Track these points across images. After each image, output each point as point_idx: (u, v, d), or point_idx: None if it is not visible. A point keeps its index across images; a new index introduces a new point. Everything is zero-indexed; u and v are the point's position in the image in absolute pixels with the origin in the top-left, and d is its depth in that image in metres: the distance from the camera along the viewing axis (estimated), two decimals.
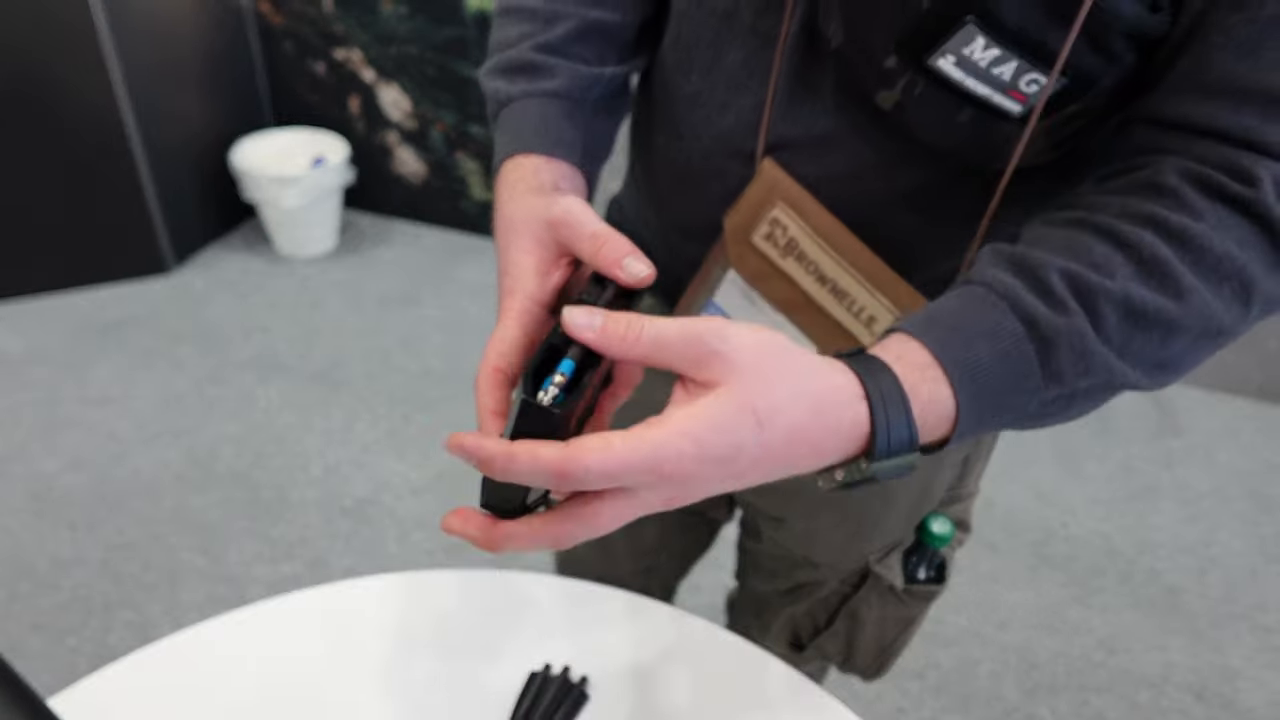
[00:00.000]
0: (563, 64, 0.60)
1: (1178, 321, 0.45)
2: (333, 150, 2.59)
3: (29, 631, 1.56)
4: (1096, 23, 0.45)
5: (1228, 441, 2.20)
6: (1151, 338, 0.45)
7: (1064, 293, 0.44)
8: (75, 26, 2.06)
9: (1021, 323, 0.43)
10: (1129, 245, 0.44)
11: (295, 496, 1.86)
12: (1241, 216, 0.44)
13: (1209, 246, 0.44)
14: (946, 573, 0.81)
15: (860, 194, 0.58)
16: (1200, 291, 0.44)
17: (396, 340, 2.32)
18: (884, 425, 0.41)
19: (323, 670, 0.68)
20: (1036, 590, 1.77)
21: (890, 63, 0.50)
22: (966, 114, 0.50)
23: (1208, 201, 0.45)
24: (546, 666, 0.68)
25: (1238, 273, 0.44)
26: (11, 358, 2.15)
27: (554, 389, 0.40)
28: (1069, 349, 0.43)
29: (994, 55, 0.47)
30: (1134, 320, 0.44)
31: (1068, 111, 0.50)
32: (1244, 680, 1.63)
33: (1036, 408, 0.45)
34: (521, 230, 0.50)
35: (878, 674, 0.92)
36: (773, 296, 0.64)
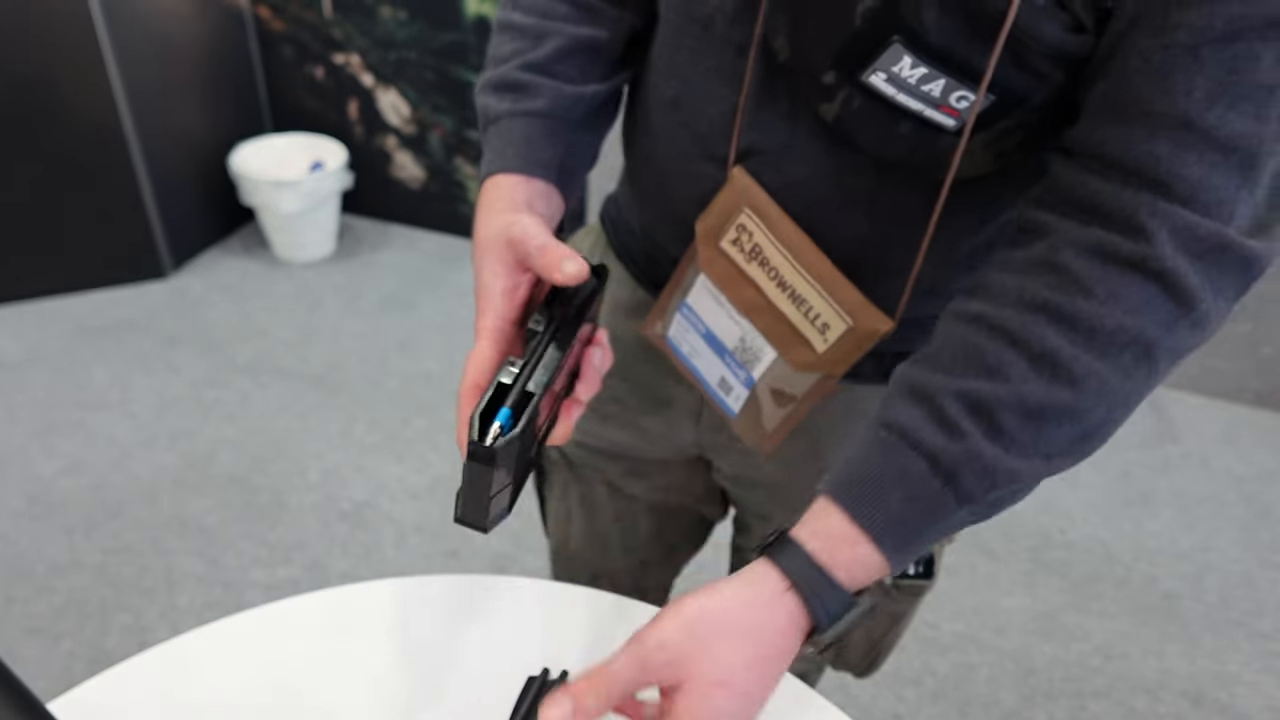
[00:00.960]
0: (547, 84, 0.63)
1: (1076, 407, 0.47)
2: (331, 155, 2.59)
3: (25, 636, 1.56)
4: (1018, 43, 0.46)
5: (1224, 448, 2.20)
6: (1060, 427, 0.48)
7: (958, 416, 0.47)
8: (75, 32, 2.06)
9: (924, 460, 0.48)
10: (1020, 342, 0.47)
11: (293, 500, 1.85)
12: (1136, 276, 0.46)
13: (1099, 325, 0.46)
14: (935, 568, 0.81)
15: (819, 201, 0.60)
16: (1096, 373, 0.47)
17: (394, 344, 2.32)
18: (818, 605, 0.48)
19: (320, 675, 0.68)
20: (1034, 596, 1.78)
21: (829, 78, 0.52)
22: (905, 127, 0.52)
23: (1101, 271, 0.46)
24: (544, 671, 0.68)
25: (1134, 340, 0.46)
26: (9, 361, 2.15)
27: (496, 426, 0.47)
28: (971, 473, 0.47)
29: (921, 73, 0.49)
30: (1035, 418, 0.47)
31: (1002, 126, 0.51)
32: (1240, 686, 1.64)
33: (966, 518, 0.49)
34: (489, 252, 0.55)
35: (868, 671, 0.92)
36: (737, 299, 0.66)
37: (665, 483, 0.89)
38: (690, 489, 0.91)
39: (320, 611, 0.72)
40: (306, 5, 2.51)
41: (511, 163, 0.61)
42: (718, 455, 0.82)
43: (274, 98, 2.71)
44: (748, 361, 0.68)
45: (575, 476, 0.92)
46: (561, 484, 0.94)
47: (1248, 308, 2.21)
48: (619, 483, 0.90)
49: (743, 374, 0.69)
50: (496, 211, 0.58)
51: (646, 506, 0.93)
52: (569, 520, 0.96)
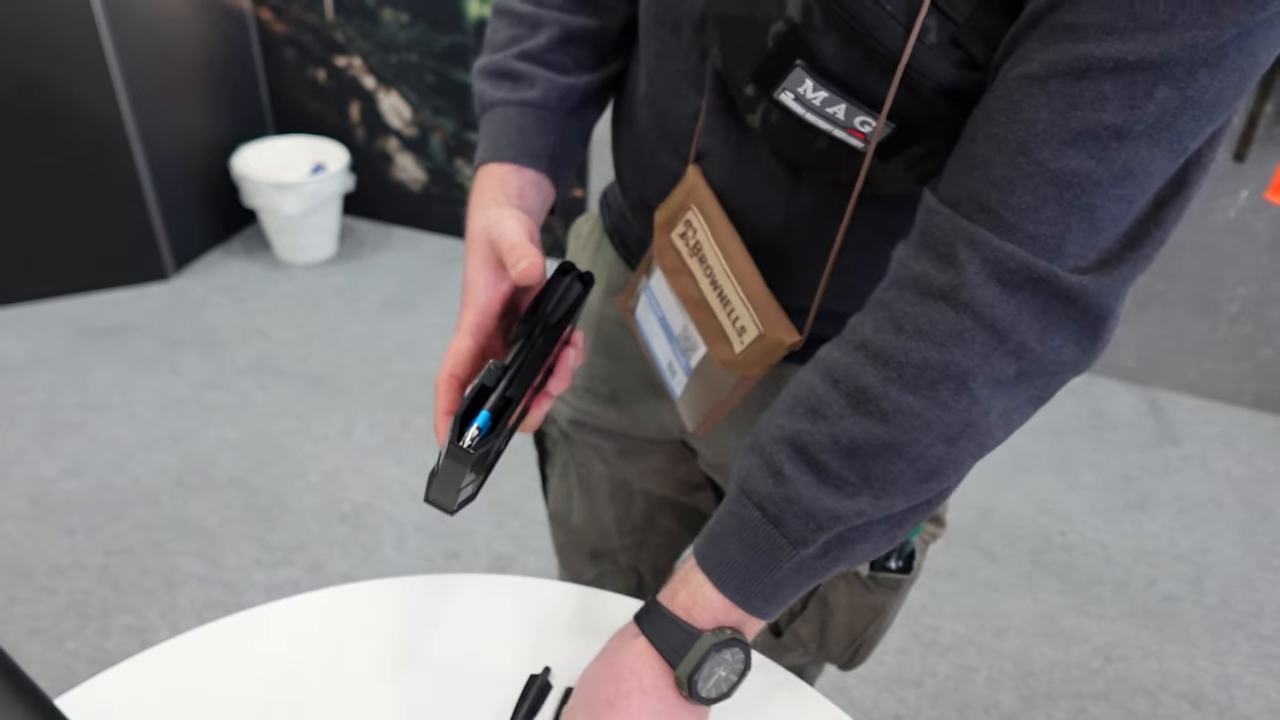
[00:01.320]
0: (541, 74, 0.66)
1: (893, 441, 0.49)
2: (333, 157, 2.60)
3: (27, 636, 1.56)
4: (911, 79, 0.47)
5: (1224, 450, 2.20)
6: (887, 463, 0.49)
7: (783, 461, 0.51)
8: (78, 34, 2.07)
9: (756, 508, 0.53)
10: (840, 381, 0.51)
11: (293, 502, 1.86)
12: (946, 309, 0.47)
13: (906, 360, 0.48)
14: (915, 563, 0.82)
15: (758, 204, 0.62)
16: (906, 408, 0.48)
17: (395, 346, 2.32)
18: (660, 639, 0.54)
19: (321, 675, 0.68)
20: (1034, 598, 1.78)
21: (750, 91, 0.54)
22: (821, 142, 0.53)
23: (915, 307, 0.48)
24: (545, 670, 0.68)
25: (944, 373, 0.47)
26: (12, 362, 2.15)
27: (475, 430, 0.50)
28: (794, 515, 0.51)
29: (824, 96, 0.50)
30: (856, 454, 0.49)
31: (913, 152, 0.52)
32: (1240, 688, 1.64)
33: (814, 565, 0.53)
34: (474, 246, 0.58)
35: (852, 664, 0.93)
36: (679, 290, 0.68)
37: (655, 466, 0.91)
38: (680, 475, 0.93)
39: (321, 612, 0.72)
40: (308, 8, 2.51)
41: (505, 152, 0.64)
42: (697, 441, 0.84)
43: (276, 100, 2.72)
44: (688, 350, 0.71)
45: (574, 455, 0.94)
46: (562, 462, 0.96)
47: (1247, 310, 2.21)
48: (613, 463, 0.92)
49: (684, 360, 0.71)
50: (488, 203, 0.61)
51: (640, 489, 0.95)
52: (569, 498, 0.99)
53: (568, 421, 0.90)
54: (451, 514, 0.53)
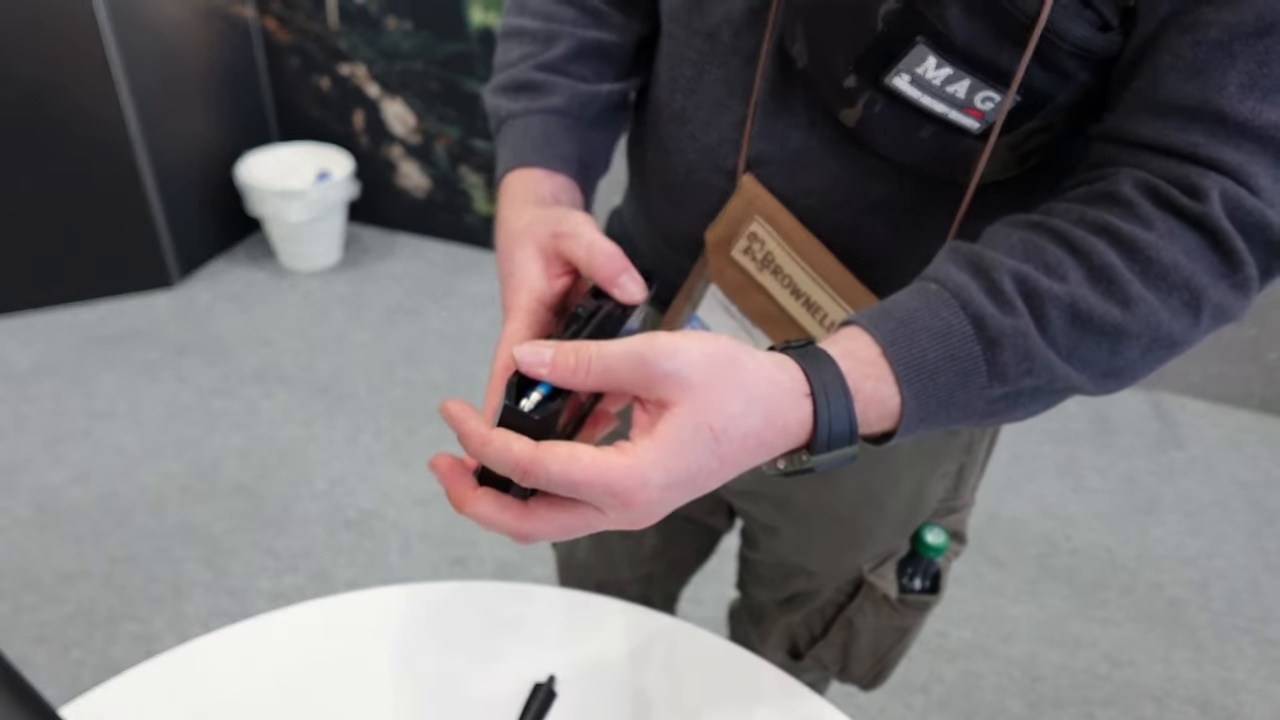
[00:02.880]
0: (562, 82, 0.62)
1: (1124, 329, 0.46)
2: (337, 165, 2.61)
3: (34, 644, 1.56)
4: (1046, 43, 0.46)
5: (1230, 454, 2.19)
6: (1100, 343, 0.46)
7: (1013, 294, 0.45)
8: (82, 43, 2.08)
9: (970, 322, 0.45)
10: (1081, 251, 0.46)
11: (299, 509, 1.86)
12: (1191, 228, 0.45)
13: (1157, 256, 0.45)
14: (941, 583, 0.81)
15: (834, 207, 0.59)
16: (1148, 301, 0.45)
17: (400, 353, 2.32)
18: (825, 422, 0.43)
19: (326, 683, 0.68)
20: (1040, 604, 1.77)
21: (850, 82, 0.52)
22: (928, 130, 0.51)
23: (1160, 212, 0.46)
24: (550, 678, 0.68)
25: (1186, 282, 0.45)
26: (18, 371, 2.16)
27: (536, 396, 0.41)
28: (1013, 349, 0.45)
29: (946, 74, 0.48)
30: (1081, 325, 0.45)
31: (1028, 127, 0.51)
32: (1248, 693, 1.63)
33: (983, 406, 0.46)
34: (527, 238, 0.52)
35: (874, 684, 0.92)
36: (749, 309, 0.65)
37: None
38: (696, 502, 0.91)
39: (326, 619, 0.72)
40: (312, 16, 2.52)
41: (530, 157, 0.60)
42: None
43: (280, 108, 2.73)
44: None
45: None
46: None
47: (1253, 313, 2.21)
48: None
49: None
50: (523, 202, 0.56)
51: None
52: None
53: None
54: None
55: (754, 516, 0.87)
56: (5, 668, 0.42)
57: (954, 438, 0.73)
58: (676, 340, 0.41)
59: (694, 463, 0.40)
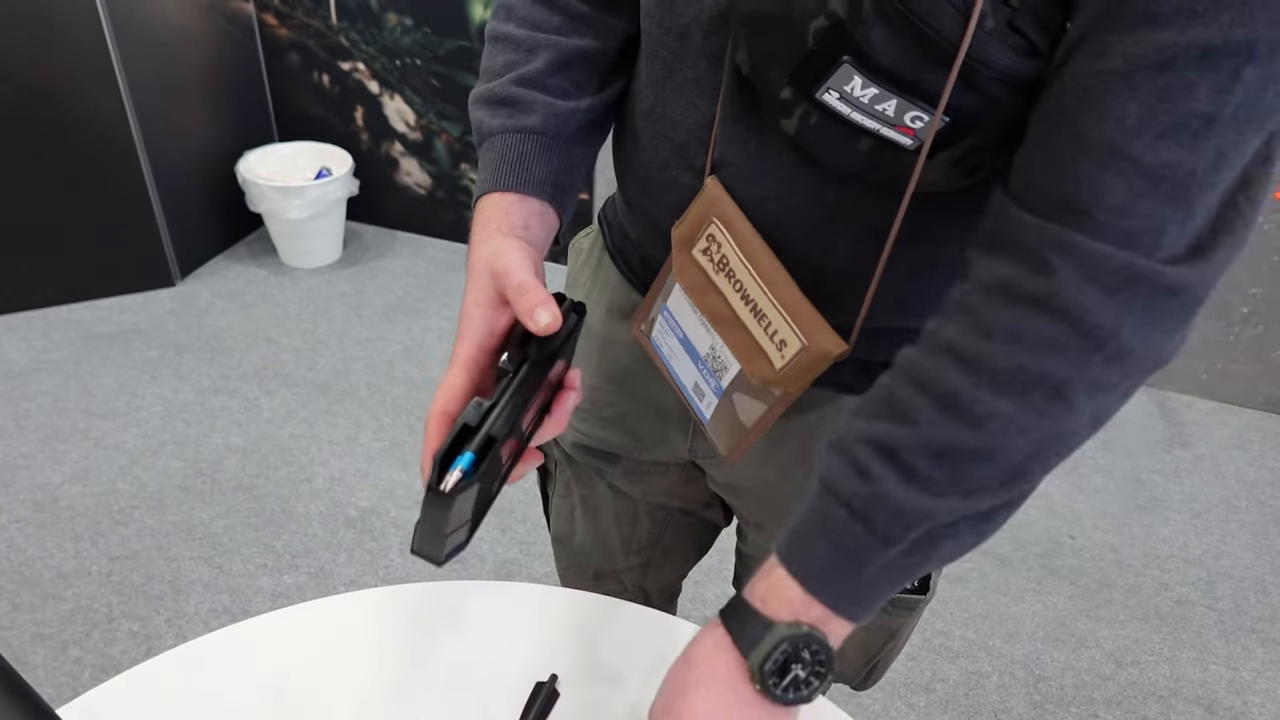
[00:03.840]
0: (540, 99, 0.63)
1: (984, 446, 0.48)
2: (337, 162, 2.60)
3: (32, 642, 1.56)
4: (969, 69, 0.46)
5: (1235, 453, 2.19)
6: (976, 464, 0.48)
7: (868, 460, 0.50)
8: (83, 42, 2.07)
9: (843, 507, 0.51)
10: (927, 385, 0.49)
11: (299, 507, 1.85)
12: (1039, 315, 0.46)
13: (999, 366, 0.47)
14: (930, 583, 0.81)
15: (790, 212, 0.60)
16: (999, 413, 0.47)
17: (400, 351, 2.32)
18: (738, 630, 0.53)
19: (326, 681, 0.68)
20: (1044, 603, 1.76)
21: (786, 94, 0.52)
22: (865, 143, 0.52)
23: (1004, 312, 0.47)
24: (552, 677, 0.67)
25: (1038, 380, 0.46)
26: (17, 369, 2.15)
27: (458, 473, 0.47)
28: (884, 513, 0.49)
29: (873, 93, 0.49)
30: (945, 458, 0.48)
31: (966, 144, 0.50)
32: (1254, 694, 1.62)
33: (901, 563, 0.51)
34: (475, 278, 0.56)
35: (866, 684, 0.92)
36: (705, 309, 0.66)
37: (662, 486, 0.89)
38: (688, 494, 0.91)
39: (326, 618, 0.72)
40: (312, 13, 2.52)
41: (506, 181, 0.62)
42: (707, 462, 0.82)
43: (280, 105, 2.72)
44: (717, 370, 0.68)
45: (577, 476, 0.93)
46: (564, 482, 0.95)
47: (1259, 312, 2.20)
48: (619, 484, 0.90)
49: (713, 382, 0.68)
50: (490, 234, 0.59)
51: (647, 509, 0.93)
52: (572, 519, 0.97)
53: (571, 445, 0.88)
54: (439, 565, 0.50)
55: (740, 511, 0.88)
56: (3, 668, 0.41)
57: None
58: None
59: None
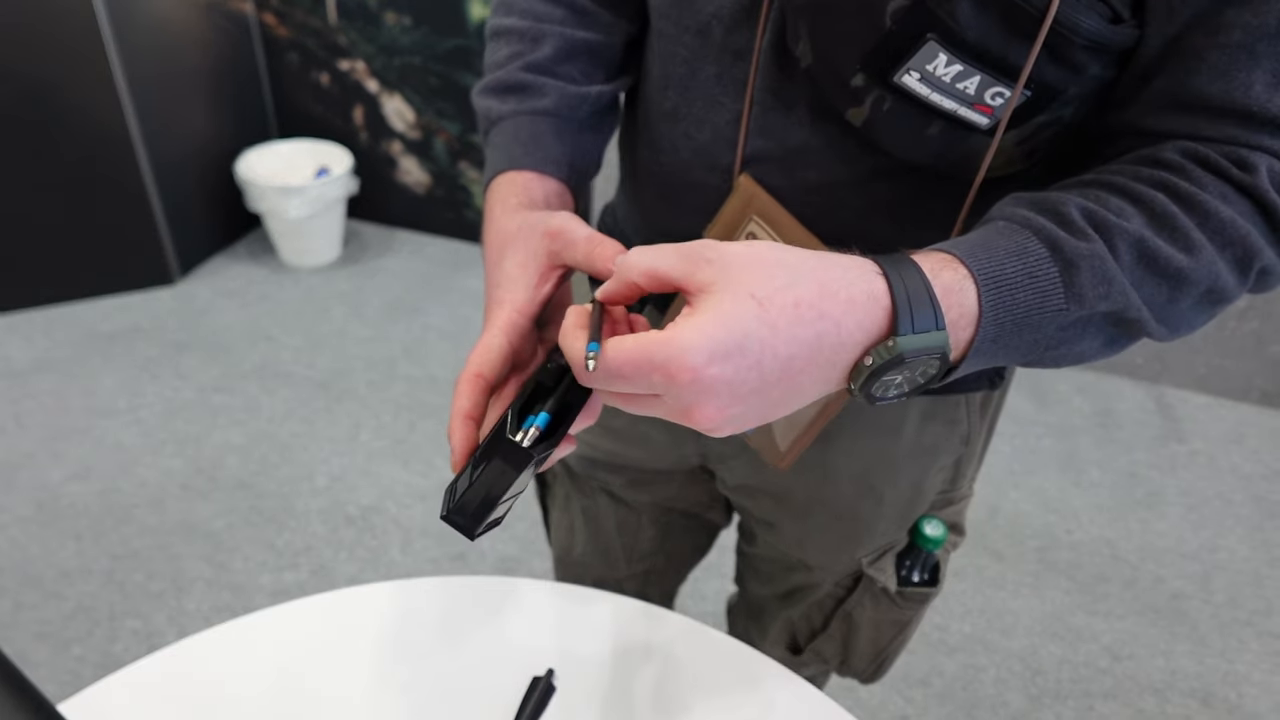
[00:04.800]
0: (551, 83, 0.62)
1: (1186, 273, 0.46)
2: (337, 161, 2.60)
3: (34, 641, 1.57)
4: (1056, 36, 0.46)
5: (1231, 447, 2.19)
6: (1160, 286, 0.46)
7: (1084, 224, 0.45)
8: (81, 40, 2.08)
9: (1045, 245, 0.44)
10: (1142, 200, 0.46)
11: (300, 505, 1.86)
12: (1241, 195, 0.46)
13: (1215, 210, 0.46)
14: (940, 575, 0.81)
15: (836, 205, 0.59)
16: (1208, 249, 0.46)
17: (400, 349, 2.32)
18: (904, 300, 0.41)
19: (327, 678, 0.68)
20: (1041, 597, 1.77)
21: (858, 81, 0.51)
22: (936, 127, 0.51)
23: (1210, 176, 0.46)
24: (549, 672, 0.68)
25: (1241, 239, 0.46)
26: (18, 368, 2.16)
27: (534, 431, 0.42)
28: (1090, 270, 0.44)
29: (956, 71, 0.48)
30: (1147, 264, 0.45)
31: (1036, 121, 0.50)
32: (1250, 686, 1.63)
33: (1054, 331, 0.45)
34: (518, 242, 0.52)
35: (874, 677, 0.92)
36: None
37: (668, 493, 0.89)
38: (693, 497, 0.91)
39: (327, 615, 0.72)
40: (311, 12, 2.52)
41: (521, 160, 0.59)
42: (720, 465, 0.82)
43: (279, 104, 2.72)
44: None
45: (577, 488, 0.92)
46: (564, 495, 0.94)
47: (1256, 306, 2.20)
48: (622, 494, 0.90)
49: None
50: (517, 206, 0.55)
51: (650, 517, 0.93)
52: (572, 531, 0.96)
53: (578, 459, 0.87)
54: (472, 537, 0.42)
55: (751, 511, 0.87)
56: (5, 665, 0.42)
57: (952, 429, 0.73)
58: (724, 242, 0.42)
59: (737, 329, 0.39)
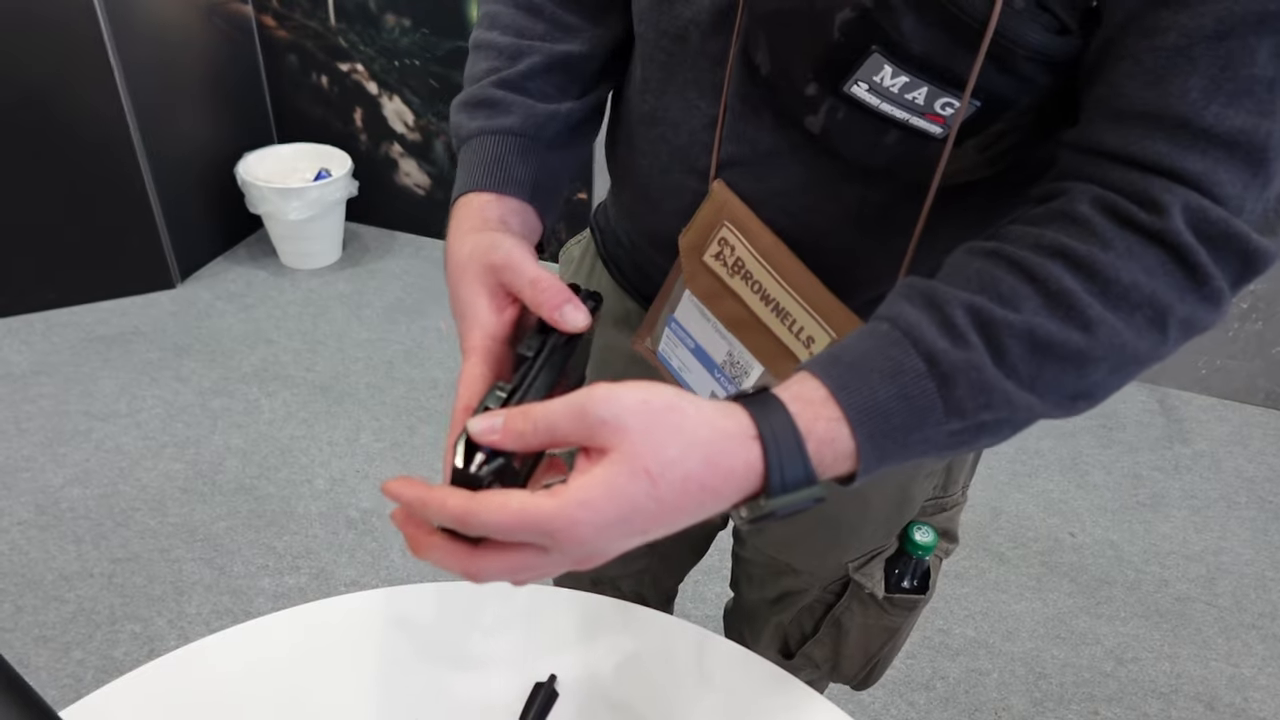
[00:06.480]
0: (520, 101, 0.62)
1: (1086, 352, 0.45)
2: (336, 163, 2.60)
3: (35, 645, 1.56)
4: (1000, 48, 0.45)
5: (1235, 449, 2.19)
6: (1064, 369, 0.45)
7: (966, 326, 0.44)
8: (82, 44, 2.07)
9: (922, 359, 0.44)
10: (1037, 279, 0.45)
11: (300, 508, 1.86)
12: (1151, 244, 0.45)
13: (1116, 276, 0.44)
14: (930, 582, 0.81)
15: (805, 209, 0.59)
16: (1109, 322, 0.45)
17: (401, 352, 2.32)
18: (777, 465, 0.42)
19: (328, 682, 0.68)
20: (1044, 600, 1.77)
21: (811, 90, 0.52)
22: (892, 136, 0.51)
23: (1118, 229, 0.45)
24: (551, 677, 0.68)
25: (1148, 300, 0.45)
26: (18, 371, 2.16)
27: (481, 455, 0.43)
28: (968, 383, 0.44)
29: (904, 82, 0.48)
30: (1042, 352, 0.45)
31: (994, 130, 0.50)
32: (1255, 690, 1.62)
33: (944, 439, 0.46)
34: (467, 272, 0.53)
35: (866, 684, 0.92)
36: (722, 315, 0.65)
37: None
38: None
39: (328, 619, 0.72)
40: (311, 14, 2.52)
41: (482, 181, 0.60)
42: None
43: (279, 107, 2.72)
44: (736, 377, 0.67)
45: None
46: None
47: (1259, 308, 2.20)
48: None
49: (732, 389, 0.67)
50: (468, 230, 0.56)
51: None
52: None
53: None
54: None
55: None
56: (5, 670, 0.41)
57: None
58: (614, 389, 0.42)
59: (627, 504, 0.40)
